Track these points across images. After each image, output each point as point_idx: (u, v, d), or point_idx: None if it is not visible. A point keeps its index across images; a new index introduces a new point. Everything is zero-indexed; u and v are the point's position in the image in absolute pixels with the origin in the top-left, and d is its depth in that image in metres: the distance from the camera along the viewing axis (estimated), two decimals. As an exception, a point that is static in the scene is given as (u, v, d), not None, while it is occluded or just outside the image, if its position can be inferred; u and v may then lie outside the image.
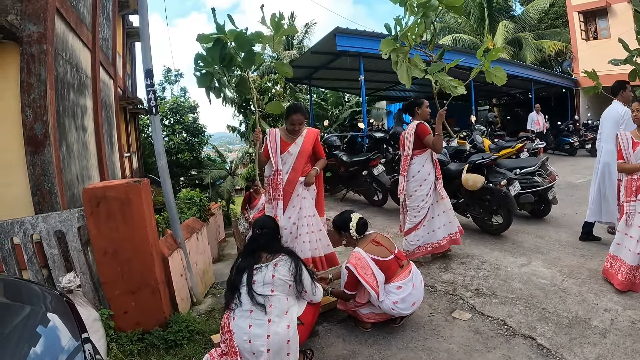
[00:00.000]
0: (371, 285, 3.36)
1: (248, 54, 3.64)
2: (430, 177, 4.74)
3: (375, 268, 3.42)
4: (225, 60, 3.67)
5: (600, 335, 3.31)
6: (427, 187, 4.74)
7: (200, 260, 4.94)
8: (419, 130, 4.67)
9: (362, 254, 3.46)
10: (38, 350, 1.86)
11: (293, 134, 4.13)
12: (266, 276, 3.05)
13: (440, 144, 4.55)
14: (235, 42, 3.58)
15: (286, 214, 4.11)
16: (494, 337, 3.42)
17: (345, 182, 8.83)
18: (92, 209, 3.50)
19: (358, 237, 3.66)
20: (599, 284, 4.16)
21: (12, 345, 1.82)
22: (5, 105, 5.24)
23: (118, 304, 3.69)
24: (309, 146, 4.20)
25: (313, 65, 13.23)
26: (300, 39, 27.74)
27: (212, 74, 3.73)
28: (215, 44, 3.60)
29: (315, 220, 4.27)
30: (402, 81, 4.00)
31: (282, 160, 4.09)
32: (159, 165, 4.18)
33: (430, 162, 4.75)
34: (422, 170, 4.73)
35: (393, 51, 3.87)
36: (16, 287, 2.48)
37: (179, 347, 3.66)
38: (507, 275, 4.52)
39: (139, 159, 17.24)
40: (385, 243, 3.63)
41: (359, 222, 3.66)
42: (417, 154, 4.75)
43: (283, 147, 4.11)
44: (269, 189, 4.18)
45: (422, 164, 4.74)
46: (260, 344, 2.88)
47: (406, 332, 3.60)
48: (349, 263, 3.45)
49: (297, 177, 4.14)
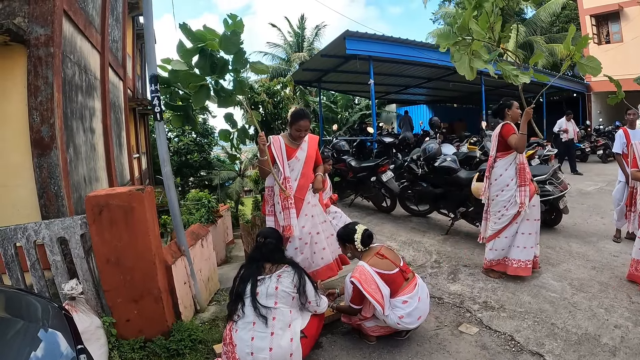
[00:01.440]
0: (376, 299, 3.29)
1: (237, 54, 3.54)
2: (512, 182, 4.51)
3: (380, 282, 3.35)
4: (217, 67, 3.58)
5: (610, 353, 3.22)
6: (509, 193, 4.52)
7: (204, 267, 4.90)
8: (504, 131, 4.51)
9: (367, 267, 3.40)
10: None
11: (297, 140, 4.03)
12: (269, 288, 3.02)
13: (522, 144, 4.33)
14: (222, 46, 3.47)
15: (299, 224, 3.96)
16: (501, 353, 3.34)
17: (354, 187, 8.78)
18: (95, 217, 3.47)
19: (363, 249, 3.61)
20: (610, 299, 4.06)
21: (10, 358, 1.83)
22: (13, 108, 5.25)
23: (120, 311, 3.65)
24: (313, 151, 4.13)
25: (323, 68, 13.18)
26: (311, 41, 27.79)
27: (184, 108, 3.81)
28: (200, 54, 3.51)
29: (328, 225, 4.25)
30: (463, 73, 3.69)
31: (289, 167, 3.98)
32: (164, 172, 4.14)
33: (514, 167, 4.52)
34: (505, 174, 4.54)
35: (454, 45, 3.71)
36: (16, 300, 2.48)
37: (181, 356, 3.62)
38: (516, 287, 4.44)
39: (148, 160, 17.31)
40: (390, 256, 3.56)
41: (363, 234, 3.61)
42: (501, 157, 4.58)
43: (289, 153, 4.00)
44: (271, 199, 4.03)
45: (505, 167, 4.54)
46: (262, 357, 2.84)
47: (412, 346, 3.53)
48: (353, 277, 3.39)
49: (308, 183, 4.05)
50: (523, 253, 4.54)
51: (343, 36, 9.79)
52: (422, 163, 6.95)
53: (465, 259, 5.29)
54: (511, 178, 4.51)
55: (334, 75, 13.94)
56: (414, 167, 7.09)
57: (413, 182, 7.14)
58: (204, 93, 3.64)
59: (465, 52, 3.65)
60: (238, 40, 3.45)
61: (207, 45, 3.46)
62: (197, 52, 3.50)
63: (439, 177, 6.51)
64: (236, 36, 3.42)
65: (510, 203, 4.53)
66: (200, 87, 3.59)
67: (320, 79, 14.23)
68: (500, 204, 4.59)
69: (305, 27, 28.22)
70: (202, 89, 3.61)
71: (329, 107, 19.69)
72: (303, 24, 28.07)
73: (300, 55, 24.80)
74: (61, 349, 2.04)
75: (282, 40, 28.24)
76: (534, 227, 4.57)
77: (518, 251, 4.56)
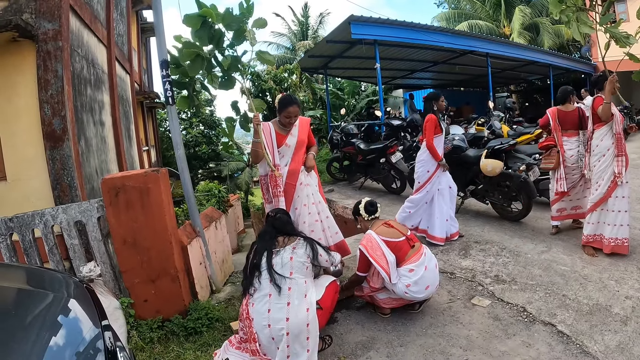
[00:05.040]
0: (381, 265, 3.38)
1: (237, 31, 3.69)
2: (609, 152, 4.52)
3: (385, 248, 3.44)
4: (214, 39, 3.71)
5: (622, 322, 3.24)
6: (606, 161, 4.53)
7: (219, 249, 4.98)
8: (595, 103, 4.60)
9: (373, 235, 3.53)
10: (59, 337, 1.89)
11: (288, 126, 3.95)
12: (284, 258, 3.08)
13: (606, 111, 4.41)
14: (224, 21, 3.63)
15: (292, 206, 3.94)
16: (513, 323, 3.38)
17: (363, 170, 8.80)
18: (111, 199, 3.55)
19: (368, 217, 3.76)
20: (620, 271, 4.07)
21: (34, 332, 1.85)
22: (24, 102, 5.34)
23: (138, 292, 3.74)
24: (304, 136, 4.06)
25: (328, 55, 13.12)
26: (315, 29, 27.69)
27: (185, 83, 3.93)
28: (202, 25, 3.63)
29: (322, 207, 4.15)
30: (577, 37, 3.97)
31: (279, 154, 3.91)
32: (177, 155, 4.21)
33: (610, 138, 4.54)
34: (601, 144, 4.58)
35: (562, 12, 3.82)
36: (38, 274, 2.53)
37: (198, 334, 3.71)
38: (526, 261, 4.46)
39: (157, 153, 17.44)
40: (397, 226, 3.70)
41: (366, 203, 3.80)
42: (596, 128, 4.64)
43: (279, 140, 3.92)
44: (267, 187, 3.95)
45: (601, 138, 4.58)
46: (279, 327, 2.89)
47: (425, 319, 3.58)
48: (360, 244, 3.53)
49: (299, 167, 3.98)
50: (620, 230, 4.46)
51: (348, 21, 9.76)
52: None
53: (476, 236, 5.31)
54: (607, 148, 4.54)
55: (339, 62, 13.90)
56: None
57: (422, 162, 7.13)
58: (199, 62, 3.79)
59: (573, 19, 3.77)
60: (240, 19, 3.60)
61: (208, 15, 3.59)
62: (200, 22, 3.62)
63: (448, 156, 6.50)
64: (239, 16, 3.57)
65: (605, 173, 4.54)
66: (197, 56, 3.75)
67: (326, 65, 14.19)
68: (597, 174, 4.61)
69: (309, 16, 28.14)
70: (198, 58, 3.77)
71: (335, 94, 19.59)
72: (307, 12, 27.98)
73: (305, 44, 24.74)
74: (85, 324, 2.01)
75: (287, 30, 28.19)
76: (625, 204, 4.50)
77: (615, 229, 4.47)
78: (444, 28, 17.14)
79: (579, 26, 3.77)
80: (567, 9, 3.78)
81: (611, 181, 4.47)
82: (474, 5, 24.17)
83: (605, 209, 4.52)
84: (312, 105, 19.05)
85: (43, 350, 1.78)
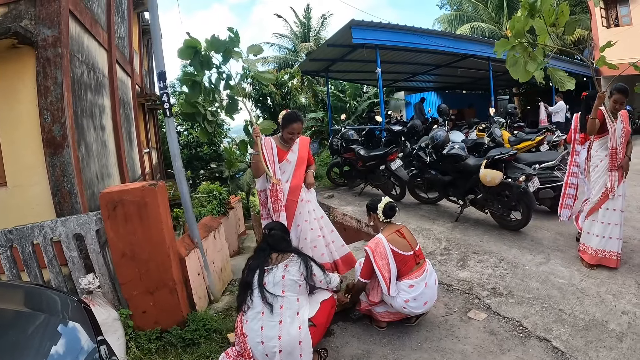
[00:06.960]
0: (383, 275, 3.38)
1: (225, 53, 3.88)
2: (602, 164, 4.59)
3: (391, 259, 3.43)
4: (204, 64, 3.93)
5: (617, 339, 3.25)
6: (599, 172, 4.61)
7: (217, 258, 5.00)
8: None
9: (383, 241, 3.48)
10: (56, 357, 1.94)
11: (289, 142, 4.00)
12: (276, 276, 3.10)
13: (591, 127, 4.46)
14: (212, 48, 3.84)
15: (294, 223, 3.98)
16: (509, 338, 3.39)
17: (363, 176, 8.80)
18: (109, 213, 3.57)
19: (384, 219, 3.69)
20: (618, 285, 4.08)
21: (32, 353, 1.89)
22: (24, 109, 5.34)
23: (136, 303, 3.77)
24: (304, 153, 4.11)
25: (330, 58, 13.14)
26: (317, 30, 27.66)
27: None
28: (195, 55, 3.87)
29: (325, 221, 4.22)
30: (516, 77, 3.71)
31: (280, 169, 3.94)
32: (175, 167, 4.24)
33: (604, 150, 4.60)
34: (596, 155, 4.68)
35: (511, 49, 3.75)
36: (36, 295, 2.56)
37: (196, 345, 3.74)
38: (524, 273, 4.47)
39: (159, 154, 17.45)
40: (409, 237, 3.64)
41: (386, 204, 3.69)
42: (596, 139, 4.69)
43: (280, 155, 3.96)
44: (265, 202, 3.98)
45: (597, 149, 4.67)
46: (272, 345, 2.92)
47: (421, 332, 3.60)
48: (367, 247, 3.48)
49: (300, 183, 4.02)
50: (609, 243, 4.45)
51: (349, 25, 9.76)
52: (430, 151, 6.95)
53: (475, 246, 5.32)
54: (600, 159, 4.61)
55: (341, 65, 13.91)
56: (422, 155, 7.10)
57: (422, 170, 7.15)
58: (197, 89, 4.00)
59: (522, 56, 3.68)
60: (224, 42, 3.83)
61: (196, 45, 3.87)
62: (191, 53, 3.87)
63: (448, 164, 6.52)
64: (223, 41, 3.85)
65: (597, 183, 4.63)
66: (193, 82, 3.96)
67: (327, 68, 14.21)
68: (592, 183, 4.72)
69: (311, 17, 28.07)
70: (195, 85, 3.98)
71: (337, 96, 19.60)
72: (309, 13, 27.93)
73: (307, 45, 24.72)
74: (82, 341, 2.11)
75: (289, 31, 28.18)
76: (617, 217, 4.50)
77: (603, 241, 4.48)
78: (445, 32, 17.15)
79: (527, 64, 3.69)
80: (519, 46, 3.70)
81: (602, 193, 4.53)
82: (476, 7, 24.12)
83: (595, 220, 4.57)
84: (313, 107, 19.06)
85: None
